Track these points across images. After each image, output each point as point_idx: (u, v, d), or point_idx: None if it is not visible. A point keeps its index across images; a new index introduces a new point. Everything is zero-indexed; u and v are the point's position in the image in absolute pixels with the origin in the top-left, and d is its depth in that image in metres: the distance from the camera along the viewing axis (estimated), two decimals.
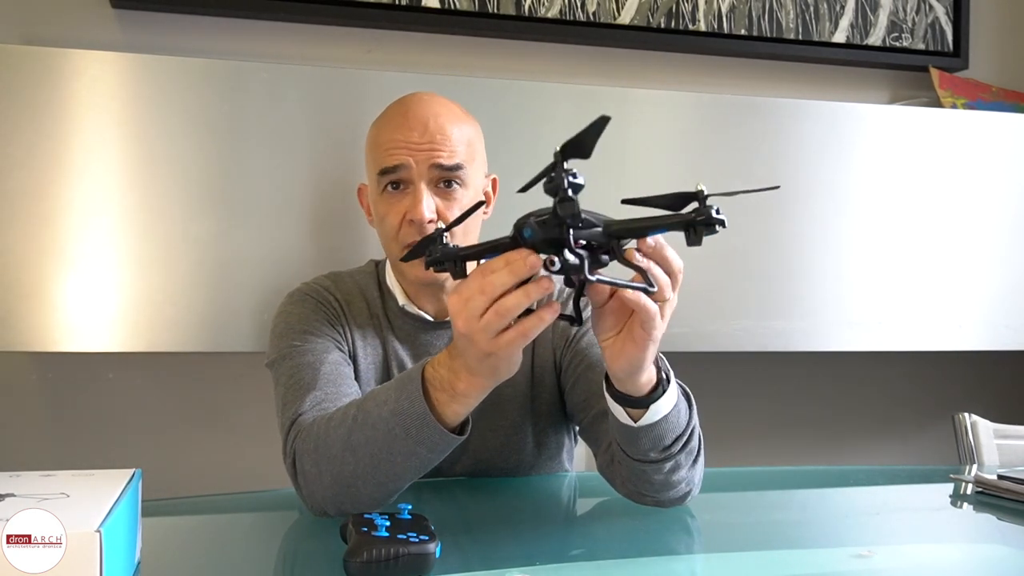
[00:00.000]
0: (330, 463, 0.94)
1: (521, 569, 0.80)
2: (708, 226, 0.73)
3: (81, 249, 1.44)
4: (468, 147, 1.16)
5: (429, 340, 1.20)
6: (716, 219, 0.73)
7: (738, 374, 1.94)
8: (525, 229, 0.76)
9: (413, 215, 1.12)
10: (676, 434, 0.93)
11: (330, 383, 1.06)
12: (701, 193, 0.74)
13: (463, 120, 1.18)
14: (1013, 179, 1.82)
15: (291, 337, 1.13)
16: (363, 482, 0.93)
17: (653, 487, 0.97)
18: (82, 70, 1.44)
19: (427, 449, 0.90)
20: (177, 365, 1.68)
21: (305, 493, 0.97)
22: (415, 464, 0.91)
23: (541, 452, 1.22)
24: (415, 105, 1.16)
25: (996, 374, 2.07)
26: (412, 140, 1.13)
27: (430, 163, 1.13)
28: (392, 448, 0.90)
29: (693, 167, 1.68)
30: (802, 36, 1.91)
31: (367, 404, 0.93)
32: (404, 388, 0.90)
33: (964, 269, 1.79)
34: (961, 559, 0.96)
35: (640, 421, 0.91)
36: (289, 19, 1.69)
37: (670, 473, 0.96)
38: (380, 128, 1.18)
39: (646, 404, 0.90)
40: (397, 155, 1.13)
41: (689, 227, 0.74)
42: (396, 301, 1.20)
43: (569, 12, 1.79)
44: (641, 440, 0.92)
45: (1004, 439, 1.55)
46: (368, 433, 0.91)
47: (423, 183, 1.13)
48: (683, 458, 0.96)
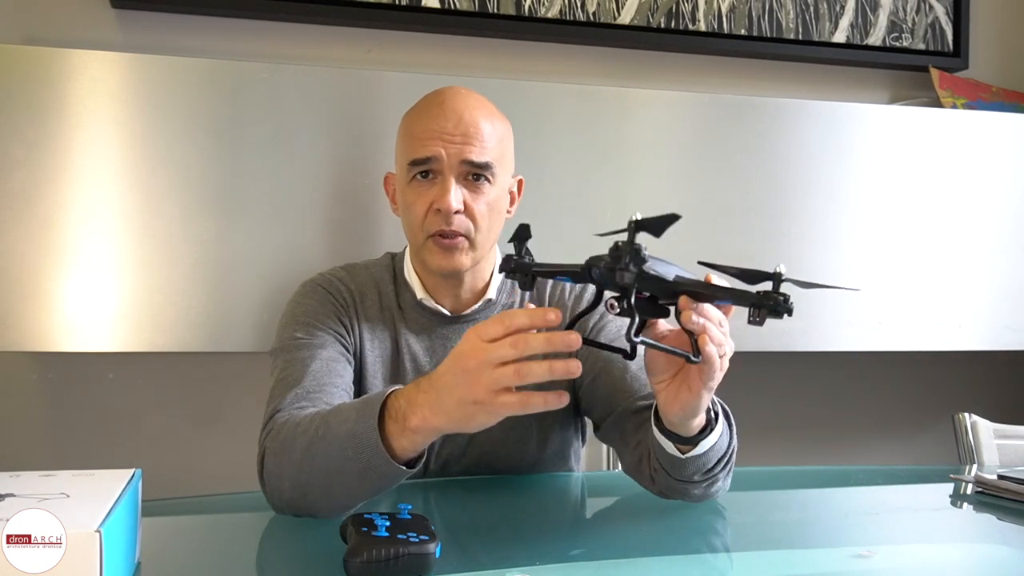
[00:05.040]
0: (290, 467, 0.94)
1: (521, 569, 0.80)
2: (774, 312, 0.73)
3: (81, 249, 1.44)
4: (499, 145, 1.17)
5: (445, 334, 1.21)
6: (785, 307, 0.73)
7: (738, 374, 1.93)
8: (594, 270, 0.80)
9: (441, 204, 1.13)
10: (719, 457, 0.96)
11: (316, 381, 1.07)
12: (778, 276, 0.74)
13: (496, 117, 1.19)
14: (1013, 179, 1.82)
15: (294, 328, 1.14)
16: (316, 494, 0.93)
17: (691, 497, 1.01)
18: (82, 70, 1.44)
19: (376, 475, 0.89)
20: (177, 365, 1.67)
21: (268, 490, 0.98)
22: (366, 487, 0.92)
23: (546, 447, 1.22)
24: (451, 97, 1.17)
25: (996, 374, 2.07)
26: (446, 131, 1.13)
27: (461, 158, 1.13)
28: (343, 468, 0.90)
29: (693, 167, 1.68)
30: (802, 36, 1.91)
31: (331, 418, 0.94)
32: (363, 411, 0.90)
33: (964, 269, 1.79)
34: (961, 559, 0.96)
35: (688, 454, 0.93)
36: (289, 19, 1.69)
37: (710, 486, 0.99)
38: (414, 118, 1.19)
39: (696, 442, 0.92)
40: (430, 145, 1.14)
41: (755, 307, 0.74)
42: (413, 294, 1.21)
43: (569, 12, 1.79)
44: (687, 467, 0.94)
45: (1004, 439, 1.55)
46: (325, 448, 0.91)
47: (453, 175, 1.14)
48: (722, 473, 0.99)
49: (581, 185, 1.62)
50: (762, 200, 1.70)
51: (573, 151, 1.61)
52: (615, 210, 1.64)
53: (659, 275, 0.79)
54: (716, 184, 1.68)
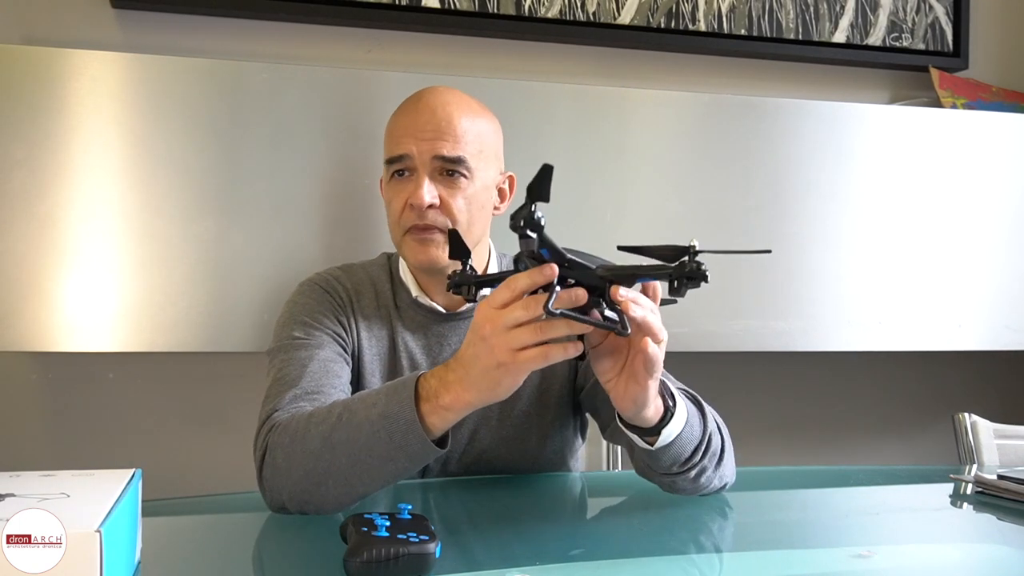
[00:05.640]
0: (304, 458, 0.94)
1: (521, 569, 0.80)
2: (691, 280, 0.77)
3: (81, 249, 1.44)
4: (477, 140, 1.17)
5: (441, 331, 1.21)
6: (700, 274, 0.77)
7: (738, 374, 1.94)
8: (520, 263, 0.83)
9: (413, 200, 1.15)
10: (694, 446, 0.97)
11: (313, 381, 1.07)
12: (692, 249, 0.78)
13: (475, 113, 1.19)
14: (1013, 179, 1.82)
15: (291, 327, 1.15)
16: (334, 481, 0.93)
17: (686, 490, 1.02)
18: (82, 70, 1.44)
19: (406, 456, 0.90)
20: (177, 365, 1.67)
21: (268, 486, 0.98)
22: (390, 470, 0.92)
23: (546, 446, 1.22)
24: (427, 95, 1.19)
25: (996, 374, 2.07)
26: (418, 127, 1.15)
27: (432, 153, 1.15)
28: (372, 451, 0.91)
29: (693, 167, 1.68)
30: (802, 36, 1.91)
31: (355, 404, 0.94)
32: (396, 393, 0.91)
33: (964, 269, 1.79)
34: (961, 559, 0.96)
35: (656, 445, 0.94)
36: (289, 19, 1.69)
37: (697, 478, 1.00)
38: (394, 118, 1.22)
39: (657, 431, 0.93)
40: (403, 143, 1.16)
41: (674, 280, 0.78)
42: (409, 292, 1.21)
43: (569, 12, 1.79)
44: (662, 459, 0.96)
45: (1004, 439, 1.55)
46: (351, 432, 0.92)
47: (425, 172, 1.15)
48: (707, 462, 0.99)
49: (581, 185, 1.62)
50: (762, 200, 1.70)
51: (573, 151, 1.61)
52: (615, 210, 1.64)
53: (577, 259, 0.82)
54: (716, 184, 1.68)
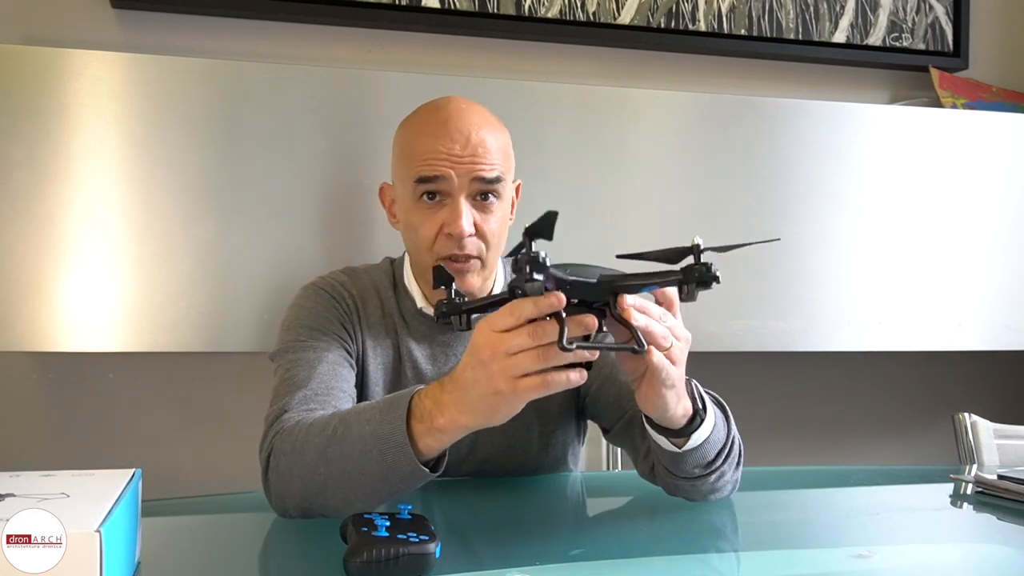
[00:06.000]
0: (303, 468, 0.93)
1: (521, 569, 0.80)
2: (702, 284, 0.73)
3: (81, 249, 1.44)
4: (504, 157, 1.15)
5: (447, 341, 1.19)
6: (710, 276, 0.73)
7: (738, 374, 1.94)
8: (517, 291, 0.78)
9: (452, 229, 1.10)
10: (718, 449, 0.97)
11: (323, 383, 1.05)
12: (696, 248, 0.74)
13: (499, 129, 1.17)
14: (1013, 179, 1.82)
15: (297, 331, 1.13)
16: (331, 495, 0.92)
17: (700, 494, 1.01)
18: (82, 70, 1.44)
19: (398, 478, 0.89)
20: (177, 365, 1.67)
21: (273, 491, 0.97)
22: (384, 489, 0.91)
23: (547, 452, 1.22)
24: (456, 115, 1.13)
25: (996, 374, 2.07)
26: (454, 152, 1.10)
27: (472, 176, 1.11)
28: (364, 469, 0.90)
29: (693, 167, 1.68)
30: (802, 36, 1.91)
31: (350, 418, 0.93)
32: (389, 412, 0.89)
33: (964, 269, 1.79)
34: (961, 559, 0.96)
35: (684, 447, 0.94)
36: (289, 19, 1.69)
37: (716, 481, 1.00)
38: (417, 135, 1.15)
39: (687, 434, 0.93)
40: (438, 166, 1.10)
41: (683, 284, 0.74)
42: (414, 302, 1.19)
43: (569, 12, 1.79)
44: (687, 462, 0.96)
45: (1004, 439, 1.55)
46: (345, 449, 0.91)
47: (463, 196, 1.11)
48: (727, 466, 0.99)
49: (581, 185, 1.62)
50: (762, 200, 1.70)
51: (573, 151, 1.61)
52: (615, 210, 1.64)
53: (580, 279, 0.78)
54: (716, 184, 1.68)
